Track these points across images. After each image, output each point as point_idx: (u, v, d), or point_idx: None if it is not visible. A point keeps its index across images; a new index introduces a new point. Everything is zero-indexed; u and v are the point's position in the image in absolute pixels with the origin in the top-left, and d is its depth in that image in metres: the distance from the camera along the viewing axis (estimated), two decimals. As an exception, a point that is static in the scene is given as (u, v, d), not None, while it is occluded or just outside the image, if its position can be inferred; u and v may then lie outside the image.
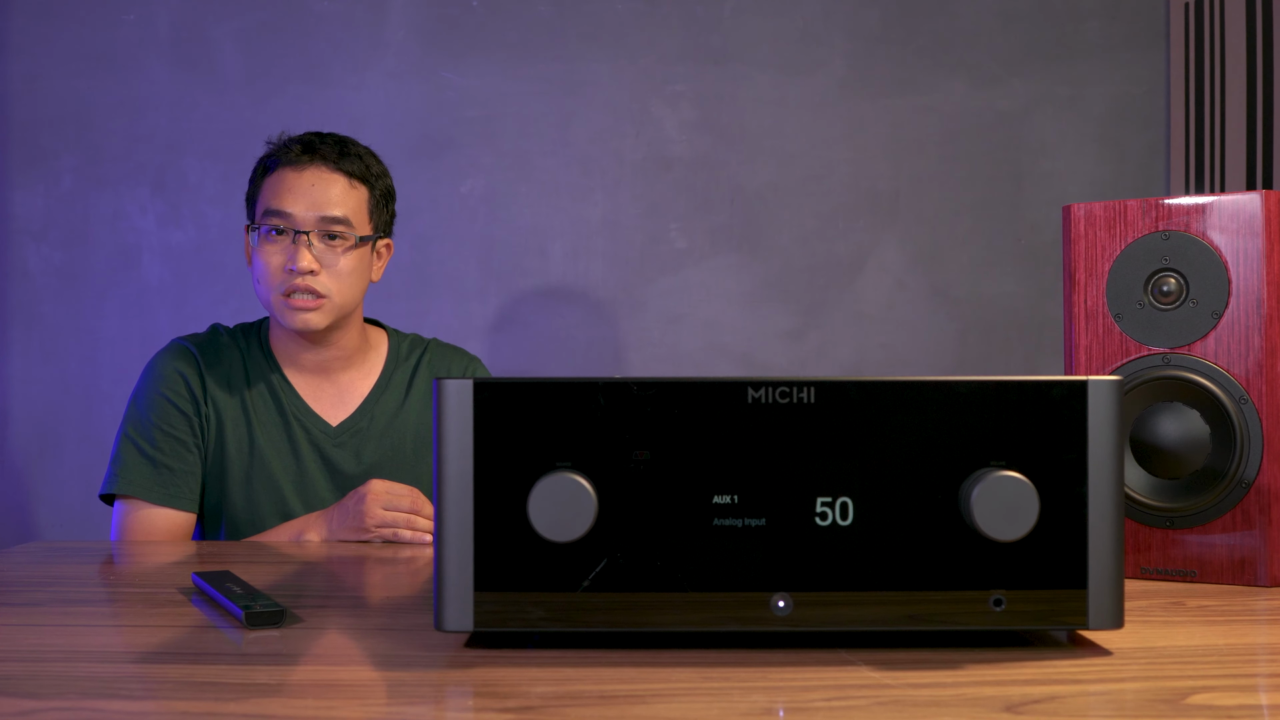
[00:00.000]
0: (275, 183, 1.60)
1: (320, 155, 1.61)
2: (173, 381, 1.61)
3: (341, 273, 1.60)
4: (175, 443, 1.60)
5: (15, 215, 2.45)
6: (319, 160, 1.60)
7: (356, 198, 1.63)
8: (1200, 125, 2.42)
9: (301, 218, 1.58)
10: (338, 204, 1.60)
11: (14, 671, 0.75)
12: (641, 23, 2.48)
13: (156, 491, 1.57)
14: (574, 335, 2.48)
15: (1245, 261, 1.06)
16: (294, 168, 1.60)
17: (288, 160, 1.60)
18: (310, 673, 0.75)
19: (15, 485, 2.45)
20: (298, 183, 1.59)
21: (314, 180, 1.59)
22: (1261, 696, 0.70)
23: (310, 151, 1.61)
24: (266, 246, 1.59)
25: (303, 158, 1.60)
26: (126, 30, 2.45)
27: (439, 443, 0.77)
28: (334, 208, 1.59)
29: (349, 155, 1.63)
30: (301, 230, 1.57)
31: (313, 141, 1.62)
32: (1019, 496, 0.76)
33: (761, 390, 0.78)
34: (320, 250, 1.58)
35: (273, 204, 1.59)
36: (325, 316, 1.60)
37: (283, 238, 1.58)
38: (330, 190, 1.60)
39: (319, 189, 1.59)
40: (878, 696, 0.69)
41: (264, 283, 1.59)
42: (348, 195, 1.61)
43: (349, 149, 1.63)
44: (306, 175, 1.59)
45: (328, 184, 1.60)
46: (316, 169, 1.60)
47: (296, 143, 1.62)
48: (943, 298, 2.49)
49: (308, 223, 1.58)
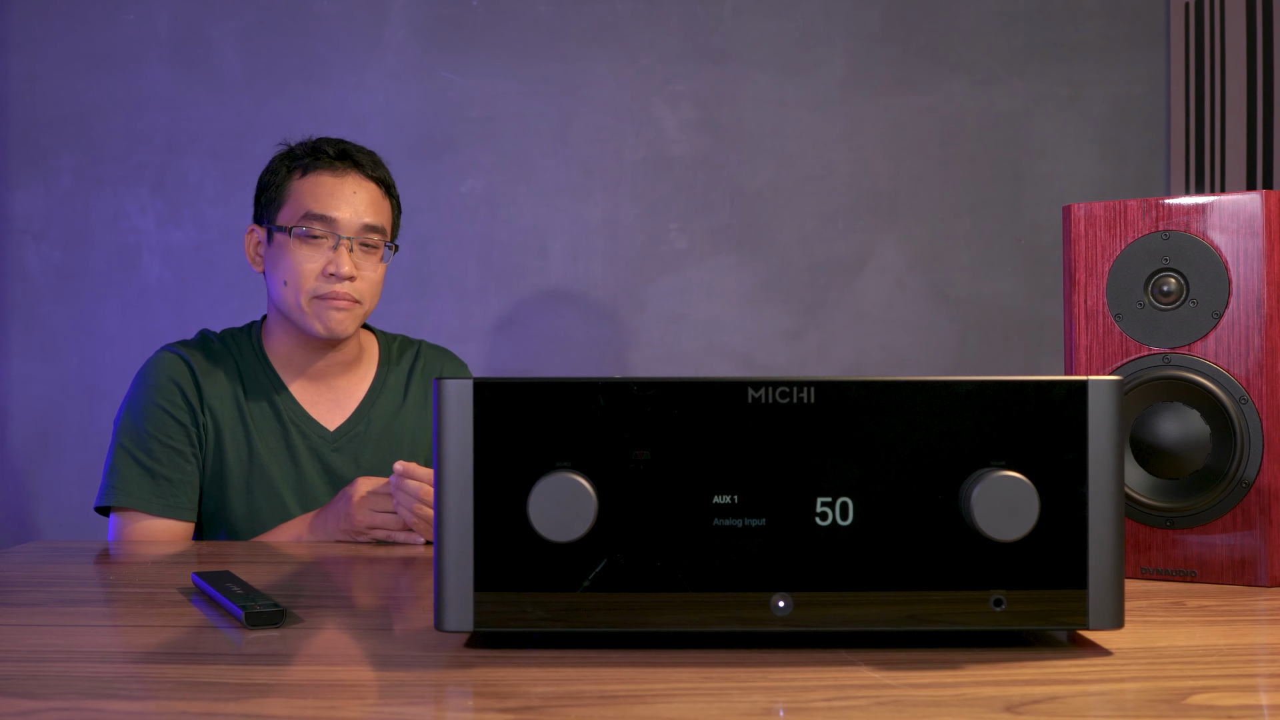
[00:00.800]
0: (313, 186, 1.59)
1: (356, 163, 1.62)
2: (167, 390, 1.59)
3: (374, 281, 1.62)
4: (173, 453, 1.58)
5: (15, 215, 2.45)
6: (355, 168, 1.62)
7: (387, 208, 1.65)
8: (1200, 125, 2.42)
9: (346, 223, 1.58)
10: (375, 212, 1.62)
11: (14, 671, 0.75)
12: (641, 23, 2.48)
13: (155, 503, 1.55)
14: (574, 335, 2.48)
15: (1245, 261, 1.06)
16: (333, 173, 1.60)
17: (324, 165, 1.60)
18: (310, 673, 0.75)
19: (15, 485, 2.45)
20: (339, 188, 1.59)
21: (355, 188, 1.60)
22: (1261, 696, 0.70)
23: (346, 158, 1.62)
24: (302, 249, 1.58)
25: (339, 164, 1.61)
26: (126, 30, 2.45)
27: (439, 443, 0.77)
28: (374, 216, 1.61)
29: (380, 165, 1.66)
30: (345, 236, 1.58)
31: (348, 149, 1.63)
32: (1019, 496, 0.76)
33: (761, 390, 0.78)
34: (358, 257, 1.59)
35: (313, 207, 1.58)
36: (356, 322, 1.61)
37: (321, 242, 1.58)
38: (368, 198, 1.61)
39: (359, 196, 1.60)
40: (878, 696, 0.69)
41: (294, 285, 1.58)
42: (382, 205, 1.64)
43: (378, 159, 1.66)
44: (348, 182, 1.60)
45: (366, 192, 1.62)
46: (355, 176, 1.61)
47: (330, 147, 1.62)
48: (943, 298, 2.49)
49: (351, 229, 1.58)
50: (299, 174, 1.61)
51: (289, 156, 1.63)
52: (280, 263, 1.59)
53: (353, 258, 1.58)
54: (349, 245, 1.58)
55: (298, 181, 1.60)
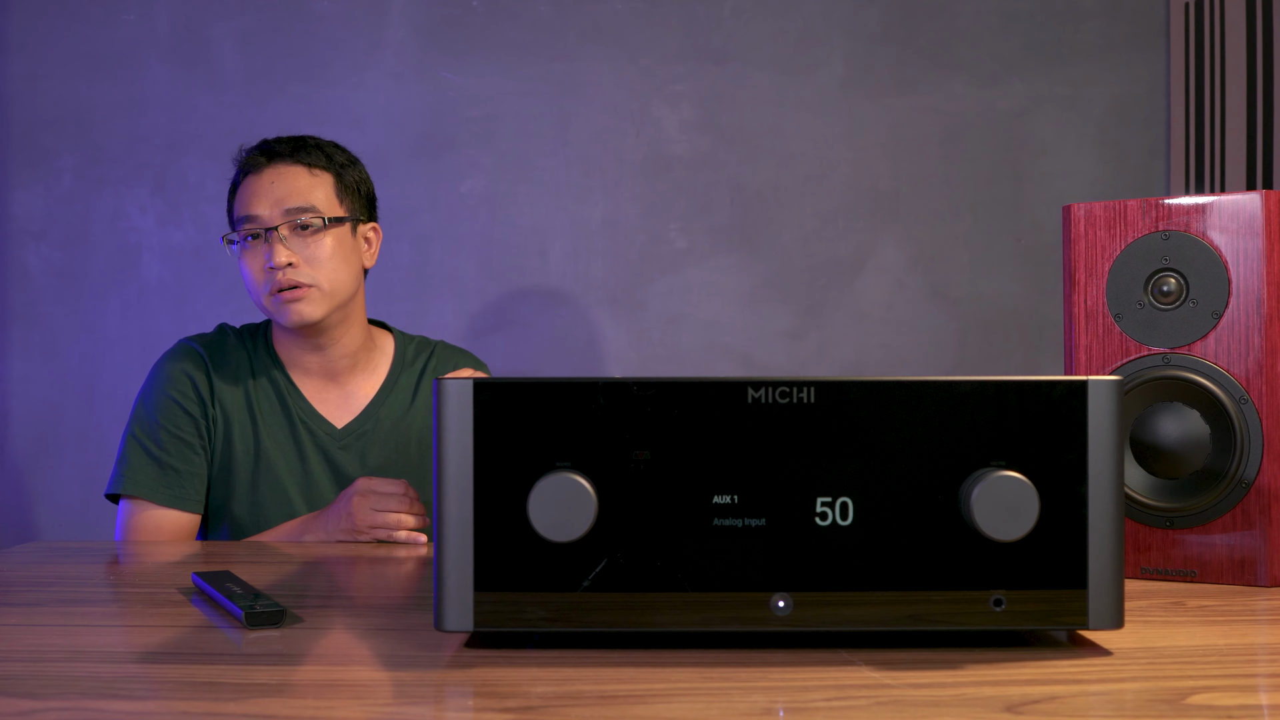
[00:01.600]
0: (242, 191, 1.63)
1: (276, 154, 1.63)
2: (180, 383, 1.62)
3: (320, 258, 1.60)
4: (181, 444, 1.60)
5: (15, 215, 2.45)
6: (276, 159, 1.62)
7: (321, 184, 1.63)
8: (1200, 125, 2.42)
9: (267, 216, 1.59)
10: (299, 194, 1.61)
11: (14, 671, 0.75)
12: (641, 23, 2.48)
13: (162, 493, 1.58)
14: (574, 335, 2.48)
15: (1245, 261, 1.06)
16: (255, 173, 1.62)
17: (249, 168, 1.63)
18: (310, 673, 0.75)
19: (15, 485, 2.45)
20: (258, 185, 1.61)
21: (273, 178, 1.61)
22: (1261, 696, 0.70)
23: (267, 153, 1.63)
24: (246, 254, 1.61)
25: (260, 160, 1.63)
26: (126, 30, 2.45)
27: (439, 443, 0.77)
28: (295, 198, 1.60)
29: (305, 148, 1.64)
30: (269, 227, 1.59)
31: (268, 144, 1.65)
32: (1019, 496, 0.76)
33: (761, 390, 0.78)
34: (294, 243, 1.59)
35: (240, 211, 1.61)
36: (316, 306, 1.60)
37: (258, 241, 1.60)
38: (291, 183, 1.61)
39: (279, 184, 1.61)
40: (878, 696, 0.69)
41: (253, 290, 1.61)
42: (310, 184, 1.62)
43: (305, 143, 1.65)
44: (265, 175, 1.62)
45: (288, 178, 1.61)
46: (274, 168, 1.62)
47: (255, 150, 1.65)
48: (943, 298, 2.49)
49: (274, 218, 1.59)
50: (236, 185, 1.65)
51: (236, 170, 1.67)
52: (241, 271, 1.63)
53: (286, 244, 1.58)
54: (278, 235, 1.58)
55: (236, 191, 1.65)
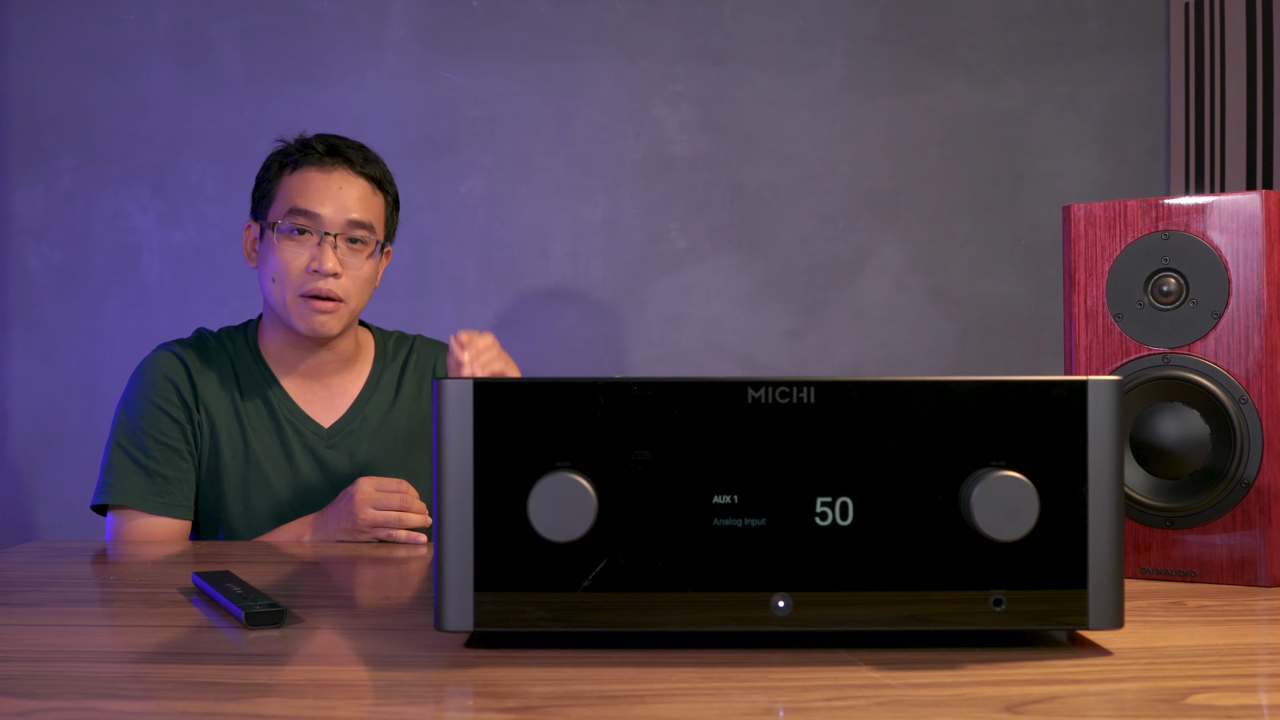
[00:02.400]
0: (300, 182, 1.58)
1: (345, 158, 1.60)
2: (163, 389, 1.59)
3: (361, 278, 1.60)
4: (169, 450, 1.58)
5: (15, 215, 2.45)
6: (344, 163, 1.60)
7: (377, 204, 1.63)
8: (1200, 125, 2.42)
9: (330, 219, 1.57)
10: (363, 208, 1.59)
11: (14, 671, 0.75)
12: (641, 23, 2.48)
13: (151, 501, 1.55)
14: (574, 335, 2.48)
15: (1245, 261, 1.06)
16: (320, 168, 1.59)
17: (313, 160, 1.59)
18: (310, 672, 0.75)
19: (15, 485, 2.45)
20: (325, 184, 1.58)
21: (341, 183, 1.59)
22: (1261, 696, 0.70)
23: (335, 154, 1.60)
24: (288, 245, 1.57)
25: (327, 159, 1.59)
26: (126, 30, 2.45)
27: (439, 443, 0.77)
28: (360, 212, 1.59)
29: (371, 161, 1.63)
30: (329, 232, 1.56)
31: (337, 144, 1.61)
32: (1019, 496, 0.76)
33: (761, 390, 0.78)
34: (344, 254, 1.58)
35: (299, 203, 1.57)
36: (340, 321, 1.59)
37: (306, 238, 1.57)
38: (356, 194, 1.59)
39: (346, 192, 1.58)
40: (878, 696, 0.69)
41: (281, 282, 1.57)
42: (371, 200, 1.61)
43: (370, 154, 1.64)
44: (335, 177, 1.59)
45: (354, 188, 1.59)
46: (343, 172, 1.59)
47: (320, 143, 1.61)
48: (943, 298, 2.49)
49: (335, 224, 1.57)
50: (289, 170, 1.60)
51: (282, 153, 1.63)
52: (269, 259, 1.59)
53: (338, 254, 1.57)
54: (333, 241, 1.56)
55: (287, 178, 1.60)
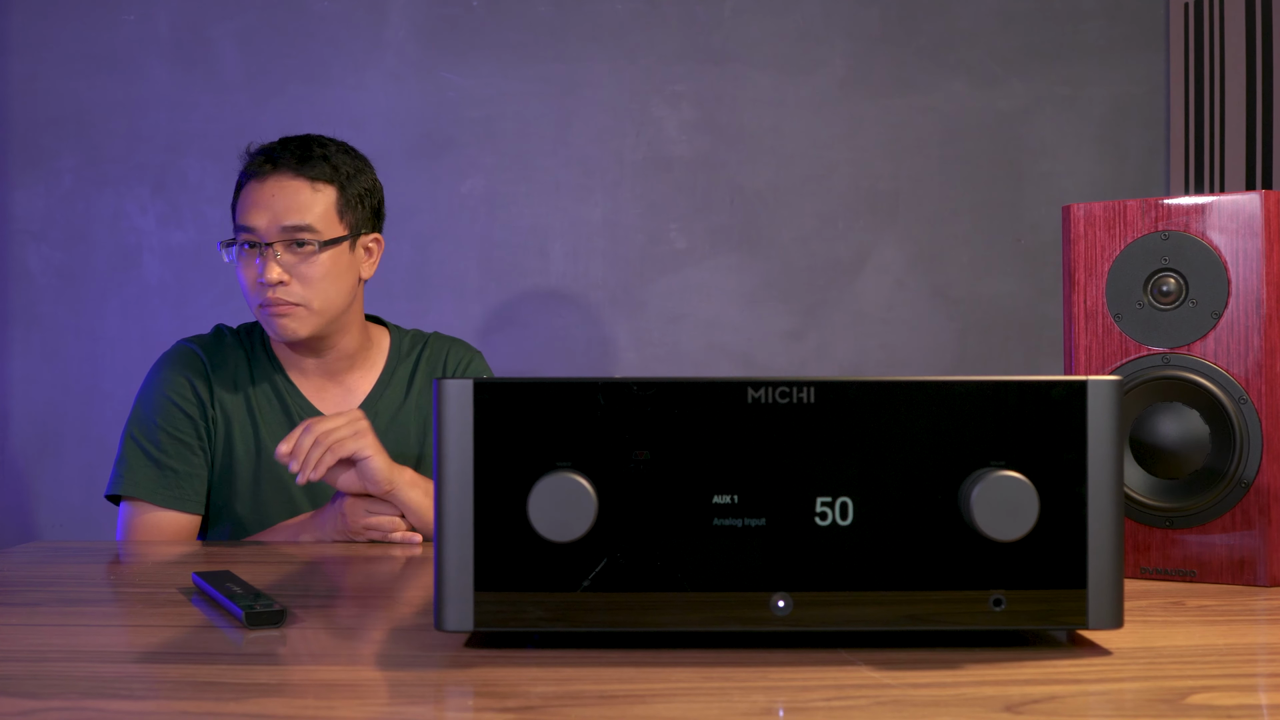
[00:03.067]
0: (244, 197, 1.59)
1: (281, 163, 1.58)
2: (178, 385, 1.61)
3: (312, 278, 1.57)
4: (181, 445, 1.60)
5: (15, 215, 2.45)
6: (280, 169, 1.58)
7: (322, 200, 1.59)
8: (1200, 125, 2.42)
9: (265, 230, 1.56)
10: (298, 211, 1.56)
11: (14, 671, 0.75)
12: (641, 23, 2.48)
13: (161, 494, 1.57)
14: (574, 335, 2.48)
15: (1245, 261, 1.06)
16: (257, 179, 1.58)
17: (251, 172, 1.59)
18: (310, 672, 0.76)
19: (15, 485, 2.45)
20: (260, 194, 1.57)
21: (274, 190, 1.57)
22: (1261, 696, 0.70)
23: (271, 160, 1.58)
24: (241, 261, 1.59)
25: (264, 168, 1.58)
26: (126, 30, 2.45)
27: (439, 443, 0.78)
28: (294, 216, 1.56)
29: (311, 159, 1.59)
30: (266, 242, 1.56)
31: (274, 150, 1.60)
32: (1019, 496, 0.76)
33: (761, 390, 0.78)
34: (287, 260, 1.56)
35: (239, 219, 1.58)
36: (304, 324, 1.58)
37: (253, 251, 1.57)
38: (291, 198, 1.57)
39: (279, 198, 1.56)
40: (878, 696, 0.69)
41: (246, 297, 1.60)
42: (311, 200, 1.58)
43: (312, 152, 1.60)
44: (267, 186, 1.57)
45: (289, 192, 1.57)
46: (277, 178, 1.57)
47: (260, 153, 1.60)
48: (943, 298, 2.49)
49: (271, 234, 1.56)
50: (240, 185, 1.61)
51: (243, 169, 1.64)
52: (237, 277, 1.62)
53: (280, 261, 1.55)
54: (273, 251, 1.55)
55: (239, 194, 1.61)
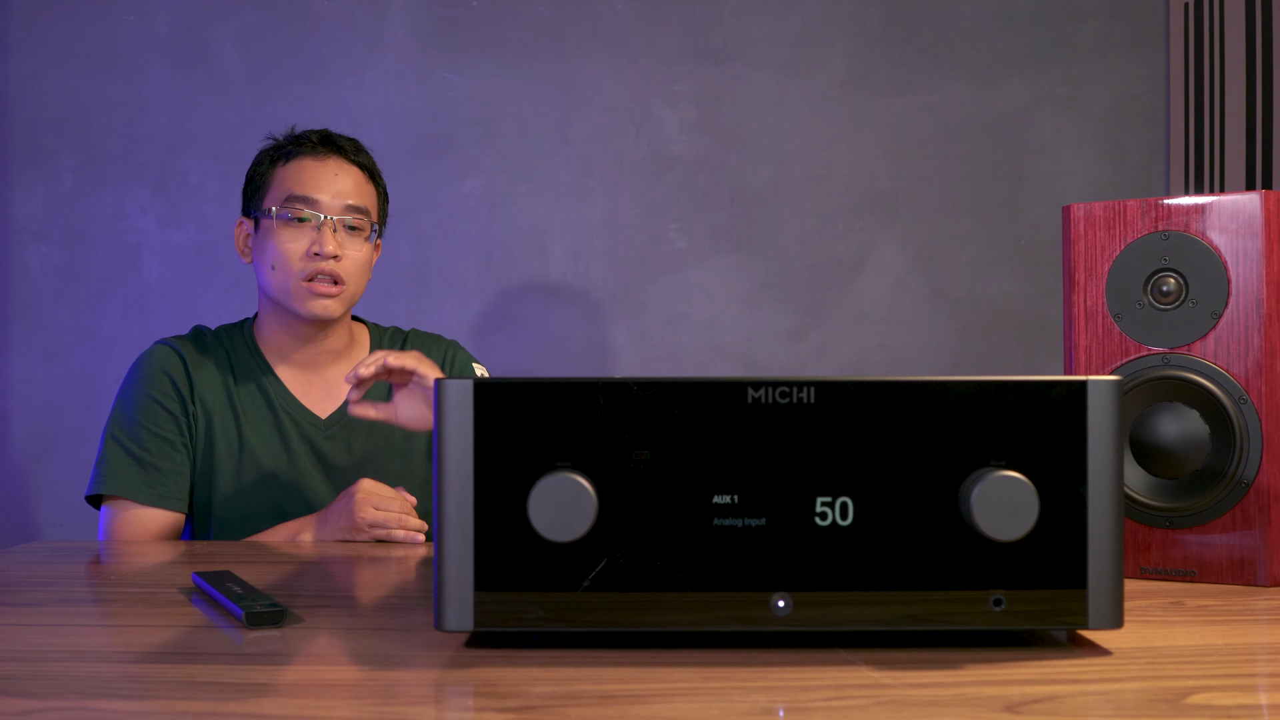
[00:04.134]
0: (296, 170, 1.62)
1: (339, 147, 1.65)
2: (159, 381, 1.61)
3: (359, 262, 1.64)
4: (162, 442, 1.59)
5: (15, 215, 2.45)
6: (338, 152, 1.65)
7: (371, 192, 1.68)
8: (1200, 125, 2.42)
9: (328, 204, 1.61)
10: (358, 194, 1.64)
11: (14, 671, 0.75)
12: (641, 23, 2.48)
13: (144, 492, 1.57)
14: (574, 335, 2.48)
15: (1245, 261, 1.06)
16: (315, 157, 1.63)
17: (306, 150, 1.64)
18: (310, 672, 0.75)
19: (15, 485, 2.45)
20: (321, 171, 1.62)
21: (337, 170, 1.63)
22: (1261, 696, 0.70)
23: (329, 143, 1.65)
24: (287, 232, 1.60)
25: (321, 148, 1.64)
26: (126, 30, 2.45)
27: (439, 443, 0.77)
28: (355, 197, 1.63)
29: (363, 152, 1.69)
30: (329, 215, 1.60)
31: (330, 135, 1.67)
32: (1019, 496, 0.76)
33: (761, 390, 0.78)
34: (342, 237, 1.61)
35: (296, 190, 1.61)
36: (341, 305, 1.62)
37: (305, 224, 1.60)
38: (353, 181, 1.64)
39: (342, 178, 1.63)
40: (878, 696, 0.69)
41: (282, 269, 1.60)
42: (365, 188, 1.66)
43: (361, 146, 1.70)
44: (329, 165, 1.63)
45: (349, 174, 1.64)
46: (337, 160, 1.64)
47: (314, 134, 1.66)
48: (943, 298, 2.49)
49: (334, 209, 1.61)
50: (283, 162, 1.64)
51: (273, 148, 1.67)
52: (266, 247, 1.62)
53: (337, 237, 1.60)
54: (333, 225, 1.60)
55: (281, 169, 1.64)
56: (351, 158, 1.65)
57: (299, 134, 1.67)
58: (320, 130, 1.68)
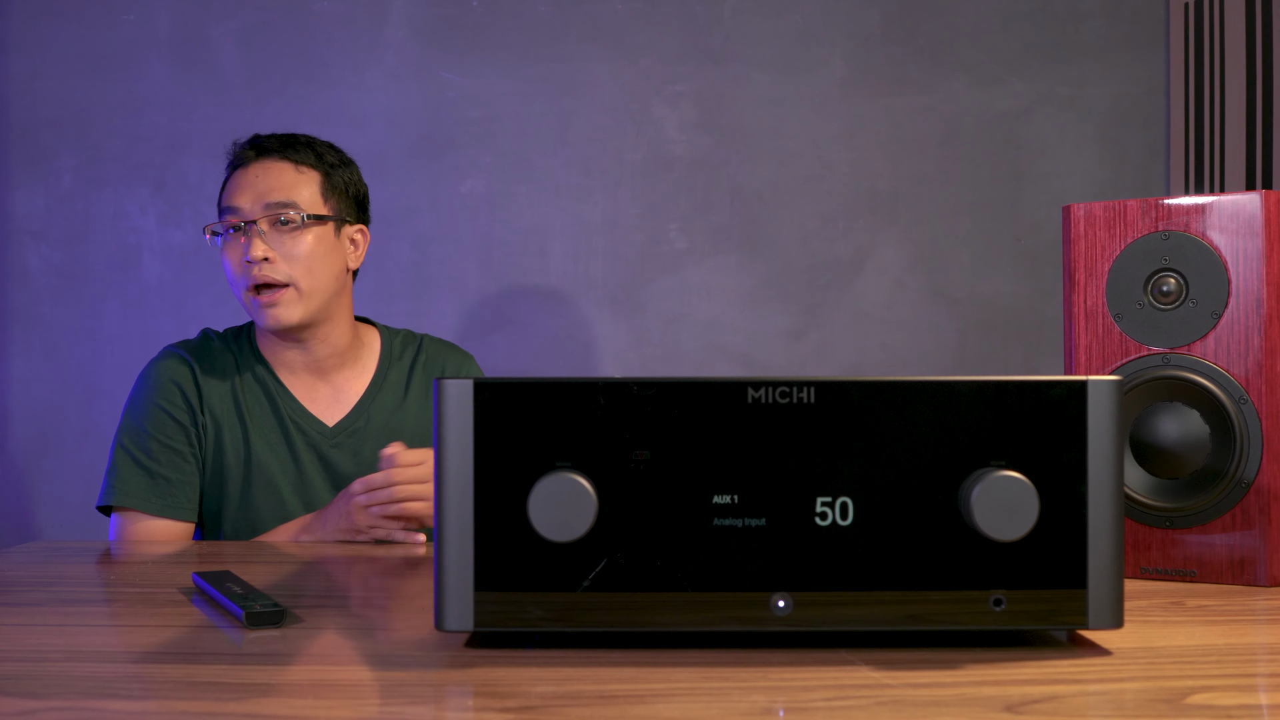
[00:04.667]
0: (229, 186, 1.63)
1: (265, 150, 1.63)
2: (168, 391, 1.61)
3: (298, 256, 1.59)
4: (172, 453, 1.59)
5: (15, 215, 2.45)
6: (264, 154, 1.63)
7: (306, 181, 1.63)
8: (1200, 125, 2.42)
9: (248, 209, 1.59)
10: (283, 189, 1.61)
11: (14, 671, 0.75)
12: (641, 23, 2.48)
13: (154, 502, 1.57)
14: (574, 335, 2.48)
15: (1245, 261, 1.06)
16: (242, 167, 1.63)
17: (237, 163, 1.64)
18: (310, 672, 0.76)
19: (15, 485, 2.45)
20: (244, 178, 1.62)
21: (258, 172, 1.62)
22: (1261, 696, 0.70)
23: (256, 147, 1.64)
24: (227, 246, 1.61)
25: (249, 154, 1.63)
26: (126, 30, 2.45)
27: (439, 443, 0.77)
28: (278, 193, 1.60)
29: (294, 145, 1.65)
30: (250, 220, 1.59)
31: (259, 139, 1.65)
32: (1019, 496, 0.76)
33: (761, 390, 0.78)
34: (272, 237, 1.58)
35: (224, 203, 1.62)
36: (293, 309, 1.59)
37: (239, 234, 1.60)
38: (276, 178, 1.61)
39: (263, 179, 1.61)
40: (878, 696, 0.69)
41: (232, 285, 1.61)
42: (295, 181, 1.62)
43: (295, 140, 1.65)
44: (252, 169, 1.62)
45: (273, 173, 1.62)
46: (260, 163, 1.63)
47: (245, 144, 1.65)
48: (943, 298, 2.49)
49: (254, 212, 1.59)
50: (225, 179, 1.65)
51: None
52: (223, 267, 1.63)
53: (265, 239, 1.58)
54: (256, 229, 1.58)
55: (224, 187, 1.65)
56: (276, 154, 1.62)
57: (237, 146, 1.66)
58: (252, 137, 1.66)
